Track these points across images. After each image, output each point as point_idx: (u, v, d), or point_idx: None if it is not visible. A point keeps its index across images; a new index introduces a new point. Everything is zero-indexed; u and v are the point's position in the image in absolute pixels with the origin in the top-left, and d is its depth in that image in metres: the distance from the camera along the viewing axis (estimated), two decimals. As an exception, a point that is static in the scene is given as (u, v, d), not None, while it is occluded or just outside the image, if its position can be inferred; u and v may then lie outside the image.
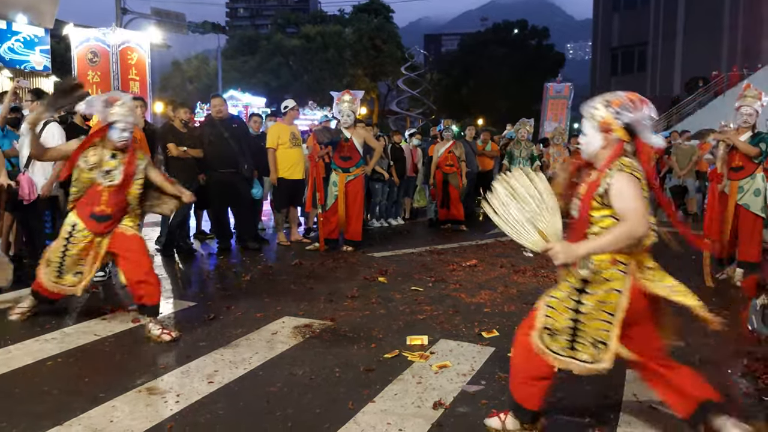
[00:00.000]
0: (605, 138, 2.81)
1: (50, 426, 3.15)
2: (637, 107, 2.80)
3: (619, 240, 2.64)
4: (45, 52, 13.90)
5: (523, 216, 2.74)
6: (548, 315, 2.92)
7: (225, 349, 4.33)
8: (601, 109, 2.83)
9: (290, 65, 42.31)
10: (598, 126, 2.82)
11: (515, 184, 2.79)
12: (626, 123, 2.79)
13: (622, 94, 2.86)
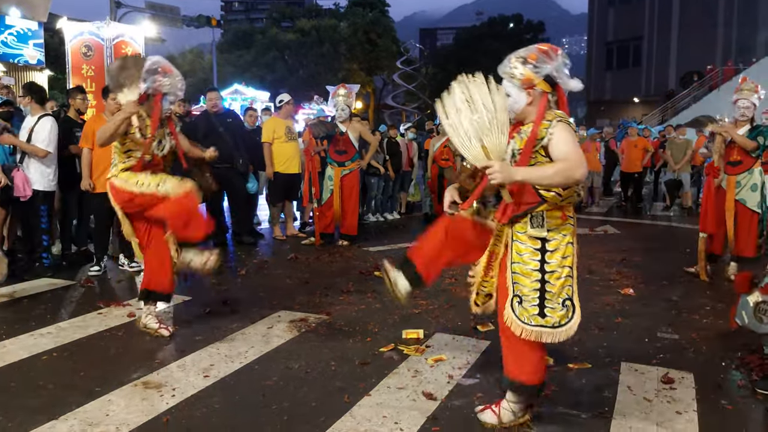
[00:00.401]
0: (529, 94, 2.84)
1: (46, 420, 3.15)
2: (553, 57, 2.83)
3: (557, 174, 2.66)
4: (38, 46, 13.83)
5: (472, 128, 2.63)
6: (515, 282, 2.91)
7: (221, 343, 4.33)
8: (519, 67, 2.84)
9: (285, 59, 42.21)
10: (520, 84, 2.84)
11: (474, 90, 2.67)
12: (546, 74, 2.82)
13: (534, 47, 2.88)
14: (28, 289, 5.68)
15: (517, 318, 2.90)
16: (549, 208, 2.84)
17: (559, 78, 2.86)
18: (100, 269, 6.28)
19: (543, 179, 2.70)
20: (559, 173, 2.66)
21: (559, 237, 2.87)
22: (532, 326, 2.88)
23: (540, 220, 2.83)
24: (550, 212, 2.84)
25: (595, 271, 6.67)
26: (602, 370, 3.91)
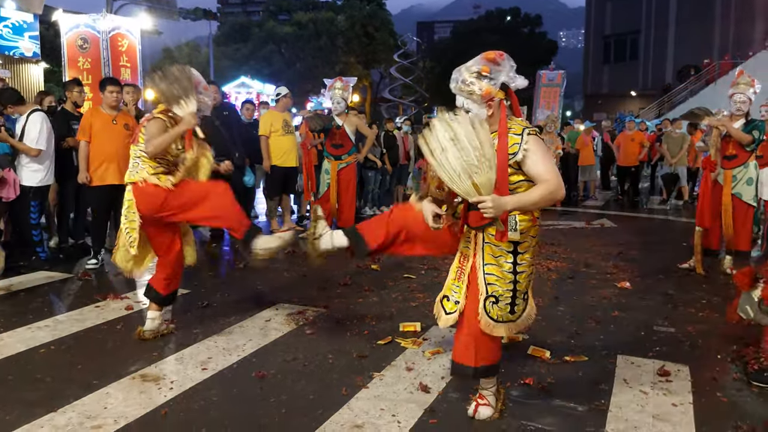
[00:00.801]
0: (489, 106, 2.87)
1: (44, 413, 3.16)
2: (501, 63, 2.86)
3: (543, 199, 2.80)
4: (34, 39, 13.75)
5: (460, 165, 2.64)
6: (489, 283, 2.95)
7: (218, 336, 4.34)
8: (476, 82, 2.85)
9: (282, 53, 42.08)
10: (480, 99, 2.86)
11: (458, 129, 2.66)
12: (502, 83, 2.86)
13: (479, 59, 2.89)
14: (25, 282, 5.68)
15: (490, 318, 2.96)
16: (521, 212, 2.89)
17: (512, 81, 2.90)
18: (98, 262, 6.27)
19: (530, 205, 2.82)
20: (544, 198, 2.79)
21: (529, 239, 2.95)
22: (503, 323, 2.98)
23: (513, 224, 2.86)
24: (522, 215, 2.89)
25: (592, 264, 6.69)
26: (599, 363, 3.93)
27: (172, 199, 3.99)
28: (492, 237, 2.91)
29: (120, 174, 6.16)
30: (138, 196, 4.03)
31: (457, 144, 2.64)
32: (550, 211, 11.22)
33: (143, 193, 4.01)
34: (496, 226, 2.85)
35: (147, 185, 4.00)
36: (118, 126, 6.17)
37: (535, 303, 5.18)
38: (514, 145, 2.80)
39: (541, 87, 24.39)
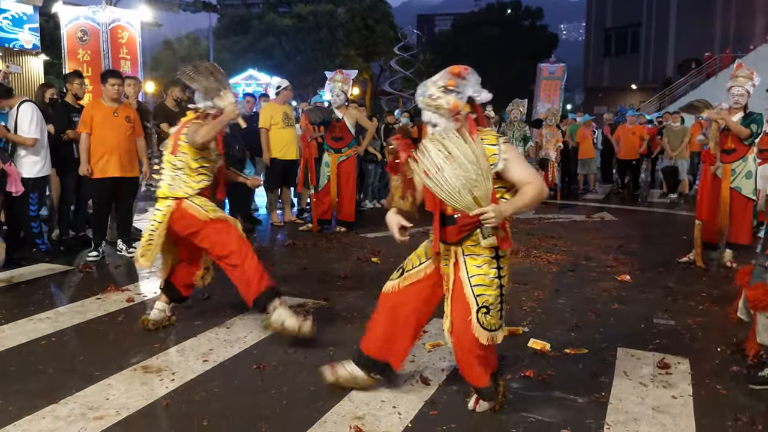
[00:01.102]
0: (456, 120, 2.86)
1: (46, 404, 3.17)
2: (467, 77, 2.87)
3: (533, 200, 2.86)
4: (34, 31, 13.69)
5: (459, 182, 2.68)
6: (479, 294, 2.93)
7: (219, 328, 4.35)
8: (443, 96, 2.84)
9: (282, 45, 41.95)
10: (448, 113, 2.85)
11: (451, 146, 2.69)
12: (468, 96, 2.88)
13: (444, 74, 2.89)
14: (26, 274, 5.69)
15: (486, 330, 2.94)
16: None
17: (477, 95, 2.92)
18: (98, 254, 6.28)
19: (524, 207, 2.89)
20: (534, 199, 2.86)
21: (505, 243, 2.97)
22: (495, 331, 2.97)
23: (489, 230, 2.86)
24: None
25: (592, 257, 6.70)
26: (599, 356, 3.94)
27: (205, 233, 4.00)
28: (471, 248, 2.92)
29: (121, 166, 6.17)
30: (177, 214, 4.00)
31: (453, 161, 2.67)
32: (551, 204, 11.23)
33: (183, 216, 4.00)
34: (497, 233, 2.87)
35: (188, 214, 3.98)
36: (120, 118, 6.17)
37: (535, 296, 5.22)
38: (493, 155, 2.82)
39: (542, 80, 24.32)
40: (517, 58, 43.28)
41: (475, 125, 2.89)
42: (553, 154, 12.11)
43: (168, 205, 4.03)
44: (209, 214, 4.00)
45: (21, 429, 2.93)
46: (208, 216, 3.99)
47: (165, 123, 7.31)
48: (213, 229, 4.01)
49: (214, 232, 4.01)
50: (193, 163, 4.01)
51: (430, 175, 2.70)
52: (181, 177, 4.02)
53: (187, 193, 4.00)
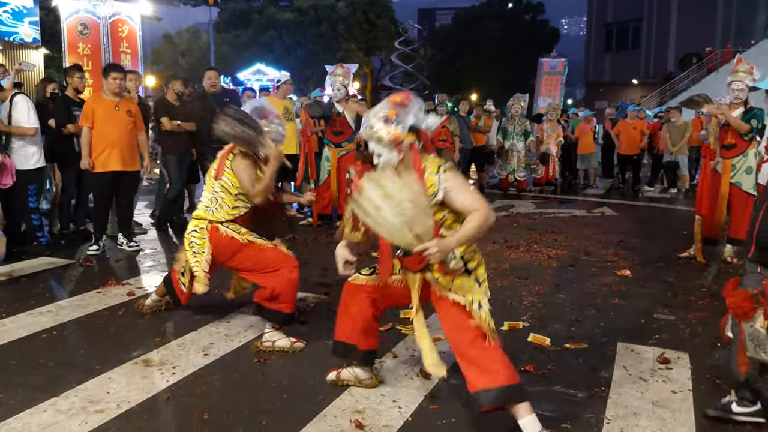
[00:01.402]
0: (399, 150, 2.82)
1: (47, 397, 3.18)
2: (409, 106, 2.83)
3: (479, 229, 2.74)
4: (34, 24, 13.66)
5: (399, 221, 2.61)
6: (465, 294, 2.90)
7: (220, 322, 4.36)
8: (384, 128, 2.80)
9: (283, 39, 41.86)
10: (389, 143, 2.80)
11: (388, 186, 2.63)
12: (410, 126, 2.82)
13: (385, 103, 2.86)
14: (27, 268, 5.69)
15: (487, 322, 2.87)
16: None
17: (421, 123, 2.87)
18: (99, 248, 6.28)
19: (470, 238, 2.76)
20: (481, 227, 2.74)
21: (475, 256, 2.93)
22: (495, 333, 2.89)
23: (452, 253, 2.80)
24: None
25: (592, 252, 6.70)
26: (599, 350, 3.95)
27: (242, 256, 3.95)
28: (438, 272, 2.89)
29: (122, 160, 6.17)
30: (213, 239, 3.94)
31: (391, 200, 2.60)
32: (551, 199, 11.24)
33: (219, 240, 3.94)
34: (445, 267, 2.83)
35: (225, 237, 3.93)
36: (121, 112, 6.16)
37: (535, 290, 5.23)
38: (432, 186, 2.79)
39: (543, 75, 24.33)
40: (518, 53, 43.21)
41: (419, 154, 2.85)
42: (553, 149, 12.11)
43: (202, 227, 3.97)
44: (245, 236, 3.94)
45: (22, 422, 2.94)
46: (246, 238, 3.94)
47: (166, 117, 7.31)
48: (252, 252, 3.94)
49: (252, 255, 3.94)
50: (234, 189, 3.93)
51: (370, 215, 2.65)
52: (218, 201, 3.95)
53: (223, 218, 3.94)
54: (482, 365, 2.82)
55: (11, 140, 6.04)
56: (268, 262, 3.93)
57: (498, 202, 10.64)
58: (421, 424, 3.01)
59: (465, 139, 11.14)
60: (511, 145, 11.64)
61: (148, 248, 6.64)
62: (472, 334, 2.86)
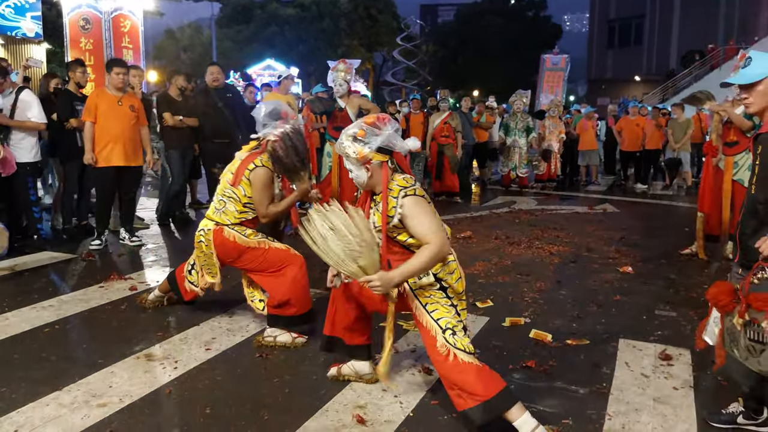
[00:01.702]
0: (368, 168, 2.88)
1: (49, 391, 3.19)
2: (381, 128, 2.88)
3: (430, 261, 2.77)
4: (36, 19, 13.67)
5: (342, 251, 2.72)
6: (439, 318, 2.89)
7: (222, 317, 4.37)
8: (351, 145, 2.87)
9: (285, 35, 41.84)
10: (356, 161, 2.88)
11: (334, 219, 2.74)
12: (378, 147, 2.86)
13: (361, 123, 2.93)
14: (29, 262, 5.70)
15: (457, 348, 2.84)
16: None
17: (393, 146, 2.90)
18: (101, 243, 6.29)
19: (417, 271, 2.79)
20: (430, 261, 2.77)
21: (448, 275, 2.93)
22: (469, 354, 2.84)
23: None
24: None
25: (594, 249, 6.70)
26: (600, 347, 3.95)
27: (248, 258, 3.93)
28: (415, 282, 2.91)
29: (125, 155, 6.18)
30: (218, 241, 3.93)
31: (337, 233, 2.71)
32: (553, 195, 11.23)
33: (224, 243, 3.91)
34: (389, 299, 2.91)
35: (229, 239, 3.90)
36: (124, 107, 6.17)
37: (537, 287, 5.23)
38: (392, 208, 2.82)
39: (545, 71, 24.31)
40: (520, 49, 43.13)
41: (389, 174, 2.87)
42: (555, 145, 12.10)
43: (209, 228, 3.96)
44: (249, 239, 3.93)
45: (24, 416, 2.95)
46: (251, 240, 3.92)
47: (168, 112, 7.31)
48: (258, 254, 3.93)
49: (257, 257, 3.93)
50: (244, 199, 3.91)
51: (317, 243, 2.76)
52: (226, 204, 3.93)
53: (229, 221, 3.92)
54: (460, 386, 2.82)
55: (11, 133, 6.02)
56: (274, 262, 3.93)
57: (500, 199, 10.64)
58: (423, 419, 3.02)
59: (467, 135, 11.11)
60: (513, 141, 11.62)
61: (150, 243, 6.65)
62: (443, 355, 2.86)
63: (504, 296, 4.94)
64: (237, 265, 4.03)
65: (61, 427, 2.86)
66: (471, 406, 2.78)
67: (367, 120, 2.93)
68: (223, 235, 3.91)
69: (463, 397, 2.80)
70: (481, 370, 2.83)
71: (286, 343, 3.87)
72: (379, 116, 2.96)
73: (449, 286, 2.92)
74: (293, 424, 2.93)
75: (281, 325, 3.92)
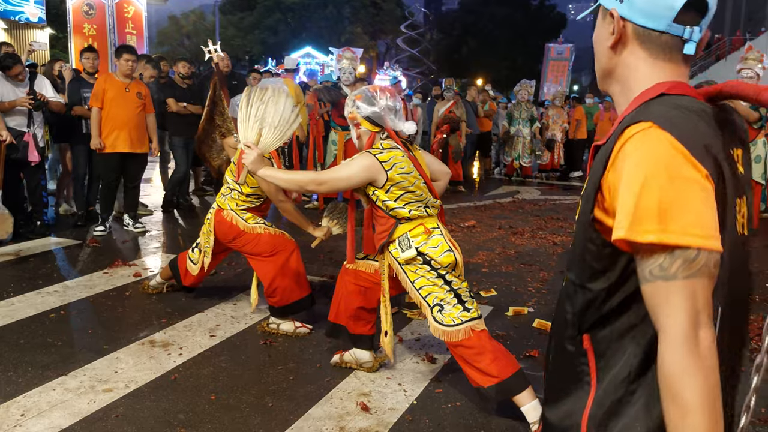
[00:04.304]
0: (357, 131, 3.04)
1: (56, 376, 3.21)
2: (376, 101, 2.93)
3: (289, 183, 2.91)
4: (40, 3, 13.65)
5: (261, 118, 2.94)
6: (427, 294, 2.92)
7: (226, 304, 4.38)
8: (350, 103, 3.02)
9: (288, 22, 41.70)
10: (349, 120, 3.04)
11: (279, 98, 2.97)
12: (367, 116, 2.95)
13: (366, 88, 3.02)
14: (34, 247, 5.72)
15: (444, 326, 2.88)
16: (410, 228, 2.91)
17: (382, 122, 2.96)
18: (105, 229, 6.30)
19: (277, 180, 2.91)
20: (291, 182, 2.91)
21: (431, 249, 2.92)
22: (463, 324, 2.87)
23: (407, 242, 2.92)
24: (413, 231, 2.92)
25: (598, 239, 6.70)
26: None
27: (242, 241, 3.92)
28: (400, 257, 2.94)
29: (130, 142, 6.18)
30: (217, 222, 3.95)
31: (273, 105, 2.95)
32: (556, 186, 11.22)
33: (222, 222, 3.92)
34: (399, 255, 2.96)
35: (227, 220, 3.91)
36: (131, 94, 6.16)
37: (540, 276, 5.24)
38: None
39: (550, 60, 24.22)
40: (525, 38, 42.91)
41: (372, 143, 2.97)
42: (559, 135, 12.07)
43: (212, 210, 4.00)
44: (248, 222, 3.93)
45: (31, 400, 2.97)
46: (248, 224, 3.92)
47: (172, 99, 7.30)
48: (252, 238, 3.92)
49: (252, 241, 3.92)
50: (247, 189, 3.90)
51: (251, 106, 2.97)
52: (232, 193, 3.95)
53: (230, 208, 3.94)
54: (470, 363, 2.87)
55: (33, 118, 5.99)
56: (266, 247, 3.91)
57: (503, 188, 10.63)
58: (427, 407, 3.03)
59: (472, 124, 11.08)
60: (517, 130, 11.60)
61: (153, 230, 6.66)
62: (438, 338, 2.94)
63: (508, 286, 4.95)
64: (234, 246, 4.02)
65: (67, 412, 2.88)
66: (486, 386, 2.83)
67: (372, 88, 3.02)
68: (221, 215, 3.93)
69: (478, 375, 2.86)
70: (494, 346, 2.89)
71: (288, 332, 3.88)
72: (386, 89, 3.01)
73: (432, 259, 2.92)
74: (297, 411, 2.95)
75: (277, 315, 3.93)
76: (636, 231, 1.00)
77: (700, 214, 0.98)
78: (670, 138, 1.01)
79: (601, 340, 1.17)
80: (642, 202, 0.99)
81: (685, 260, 0.98)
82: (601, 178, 1.10)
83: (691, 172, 1.00)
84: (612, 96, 1.25)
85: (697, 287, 0.99)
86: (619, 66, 1.20)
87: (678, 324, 0.99)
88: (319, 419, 2.89)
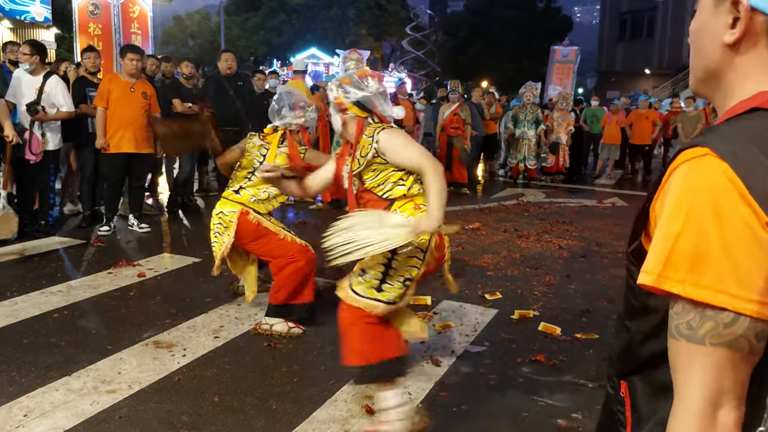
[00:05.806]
0: (342, 117, 2.84)
1: (59, 376, 3.20)
2: (365, 86, 2.82)
3: (441, 183, 2.62)
4: (45, 3, 13.67)
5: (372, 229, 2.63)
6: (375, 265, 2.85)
7: (230, 305, 4.37)
8: (333, 89, 2.85)
9: (293, 23, 41.72)
10: (334, 106, 2.85)
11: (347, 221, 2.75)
12: (356, 100, 2.80)
13: (354, 71, 2.91)
14: (38, 247, 5.71)
15: (351, 290, 2.85)
16: (401, 204, 2.83)
17: (372, 106, 2.84)
18: (110, 229, 6.29)
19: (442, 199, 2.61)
20: (440, 182, 2.62)
21: None
22: (366, 298, 2.80)
23: None
24: (403, 207, 2.82)
25: (604, 243, 6.67)
26: (608, 342, 3.93)
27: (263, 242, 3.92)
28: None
29: (135, 142, 6.17)
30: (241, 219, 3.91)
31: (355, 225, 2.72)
32: (561, 188, 11.18)
33: (245, 219, 3.90)
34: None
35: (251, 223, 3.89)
36: (136, 94, 6.16)
37: (546, 280, 5.21)
38: (366, 147, 2.76)
39: (555, 63, 24.14)
40: (530, 41, 42.88)
41: (363, 129, 2.80)
42: (563, 138, 12.04)
43: (232, 211, 3.94)
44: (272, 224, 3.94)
45: (34, 401, 2.96)
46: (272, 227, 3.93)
47: (177, 99, 7.29)
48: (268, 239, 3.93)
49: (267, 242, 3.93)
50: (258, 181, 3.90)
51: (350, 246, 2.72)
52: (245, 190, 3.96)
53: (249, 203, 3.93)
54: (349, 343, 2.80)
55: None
56: (286, 252, 3.90)
57: (508, 191, 10.60)
58: (431, 411, 3.01)
59: (477, 126, 11.04)
60: (522, 133, 11.57)
61: (158, 230, 6.65)
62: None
63: (513, 289, 4.93)
64: (251, 248, 4.01)
65: (70, 412, 2.86)
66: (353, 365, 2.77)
67: (359, 72, 2.91)
68: (247, 218, 3.90)
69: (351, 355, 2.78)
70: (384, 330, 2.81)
71: (281, 332, 3.86)
72: (373, 73, 2.93)
73: None
74: (302, 414, 2.93)
75: (272, 314, 3.91)
76: (663, 277, 0.83)
77: (746, 270, 0.78)
78: (727, 169, 0.80)
79: (637, 392, 1.03)
80: (677, 244, 0.82)
81: (717, 324, 0.80)
82: (650, 205, 0.93)
83: (746, 215, 0.79)
84: (715, 105, 1.01)
85: (726, 361, 0.81)
86: (732, 69, 0.95)
87: (694, 398, 0.83)
88: (323, 422, 2.87)
